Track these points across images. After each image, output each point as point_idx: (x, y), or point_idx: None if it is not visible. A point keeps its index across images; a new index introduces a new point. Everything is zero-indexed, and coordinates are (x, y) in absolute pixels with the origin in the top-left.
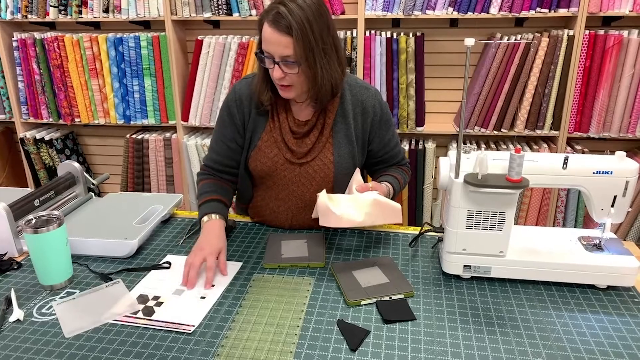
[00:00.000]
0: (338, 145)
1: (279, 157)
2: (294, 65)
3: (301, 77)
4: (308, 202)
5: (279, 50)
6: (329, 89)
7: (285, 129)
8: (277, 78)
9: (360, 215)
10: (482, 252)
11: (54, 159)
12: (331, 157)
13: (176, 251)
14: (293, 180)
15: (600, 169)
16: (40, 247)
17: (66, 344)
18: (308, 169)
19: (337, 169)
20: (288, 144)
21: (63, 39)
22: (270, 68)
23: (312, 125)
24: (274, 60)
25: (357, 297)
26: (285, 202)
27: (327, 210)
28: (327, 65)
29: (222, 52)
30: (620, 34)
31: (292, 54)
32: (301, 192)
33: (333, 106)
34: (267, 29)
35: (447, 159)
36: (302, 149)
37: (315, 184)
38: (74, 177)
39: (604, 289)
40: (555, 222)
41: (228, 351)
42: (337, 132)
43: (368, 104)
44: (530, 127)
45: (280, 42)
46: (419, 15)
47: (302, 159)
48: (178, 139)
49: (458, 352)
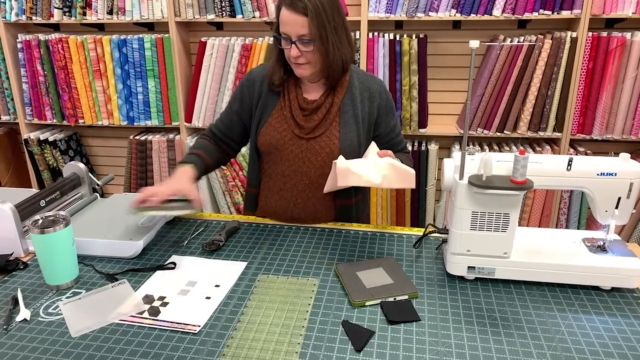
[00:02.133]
0: (344, 124)
1: (288, 132)
2: (309, 43)
3: (315, 54)
4: (313, 179)
5: (296, 29)
6: (340, 66)
7: (294, 106)
8: (293, 56)
9: (378, 177)
10: (487, 254)
11: (57, 160)
12: (337, 133)
13: (181, 252)
14: (300, 156)
15: (604, 171)
16: (46, 247)
17: (73, 343)
18: (314, 144)
19: (342, 145)
20: (296, 119)
21: (67, 41)
22: (286, 48)
23: (321, 103)
24: (291, 40)
25: (362, 298)
26: (291, 178)
27: (347, 171)
28: (338, 43)
29: (226, 53)
30: (623, 36)
31: (307, 32)
32: (307, 167)
33: (342, 88)
34: (285, 11)
35: (451, 161)
36: (310, 124)
37: (321, 160)
38: (79, 178)
39: (608, 291)
40: (558, 224)
41: (234, 351)
42: (345, 112)
43: (375, 90)
44: (533, 129)
45: (297, 22)
46: (422, 17)
47: (310, 134)
48: (181, 140)
49: (462, 353)
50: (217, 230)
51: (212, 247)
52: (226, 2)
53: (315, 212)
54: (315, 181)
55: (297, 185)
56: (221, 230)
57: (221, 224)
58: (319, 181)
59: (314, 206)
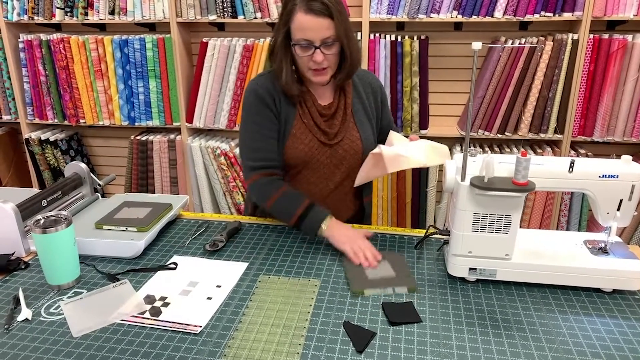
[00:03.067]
0: (361, 124)
1: (314, 142)
2: (333, 45)
3: (336, 57)
4: (338, 183)
5: (320, 33)
6: (359, 63)
7: (315, 113)
8: (319, 62)
9: (422, 156)
10: (488, 255)
11: (58, 160)
12: (357, 134)
13: (182, 252)
14: (325, 163)
15: (606, 173)
16: (48, 247)
17: (74, 343)
18: (339, 149)
19: (364, 146)
20: (320, 126)
21: (69, 41)
22: (305, 55)
23: (336, 106)
24: (315, 45)
25: (361, 287)
26: (316, 185)
27: (395, 156)
28: (355, 40)
29: (227, 54)
30: (624, 38)
31: (332, 34)
32: (332, 173)
33: (349, 88)
34: (304, 17)
35: (453, 162)
36: (333, 130)
37: (347, 164)
38: (80, 178)
39: (609, 293)
40: (558, 226)
41: (235, 352)
42: (357, 111)
43: (375, 85)
44: (534, 130)
45: (321, 25)
46: (424, 18)
47: (333, 139)
48: (182, 141)
49: (464, 355)
50: (218, 231)
51: (214, 247)
52: (228, 3)
53: (336, 213)
54: (339, 184)
55: (322, 191)
56: (222, 231)
57: (222, 224)
58: (343, 184)
59: (336, 206)
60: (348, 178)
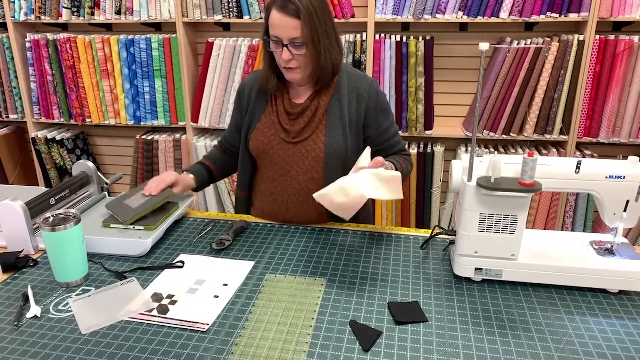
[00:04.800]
0: (331, 127)
1: (275, 137)
2: (301, 46)
3: (307, 58)
4: (302, 182)
5: (288, 32)
6: (330, 69)
7: (281, 111)
8: (285, 60)
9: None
10: (494, 255)
11: (64, 159)
12: (323, 137)
13: (189, 250)
14: (287, 160)
15: (613, 174)
16: (57, 244)
17: (83, 340)
18: (301, 148)
19: (327, 149)
20: (282, 123)
21: (75, 40)
22: (277, 52)
23: (306, 106)
24: (282, 43)
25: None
26: (280, 182)
27: (325, 195)
28: (329, 45)
29: (232, 54)
30: (630, 39)
31: (300, 35)
32: (295, 172)
33: (329, 90)
34: (276, 14)
35: (459, 162)
36: (295, 128)
37: (308, 164)
38: (87, 177)
39: (615, 294)
40: (563, 227)
41: (242, 349)
42: (331, 114)
43: (363, 90)
44: (539, 131)
45: (289, 24)
46: (429, 19)
47: (296, 138)
48: (188, 140)
49: (470, 355)
50: (224, 230)
51: (220, 246)
52: (233, 3)
53: (306, 216)
54: (304, 185)
55: (286, 189)
56: (228, 230)
57: (228, 223)
58: (308, 185)
59: (305, 210)
60: (313, 181)
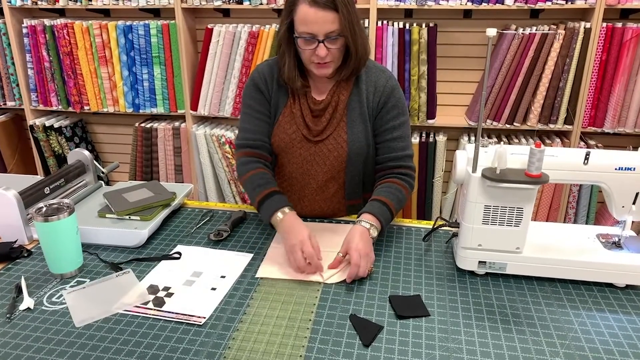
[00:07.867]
0: (352, 124)
1: (297, 134)
2: (337, 39)
3: (341, 51)
4: (321, 182)
5: (325, 27)
6: (365, 59)
7: (304, 106)
8: (322, 56)
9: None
10: (498, 248)
11: (63, 147)
12: (345, 135)
13: (186, 241)
14: (307, 159)
15: (622, 165)
16: (50, 235)
17: (76, 333)
18: (322, 147)
19: (350, 148)
20: (306, 120)
21: (73, 26)
22: (310, 49)
23: (327, 103)
24: (318, 40)
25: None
26: (298, 181)
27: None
28: (362, 35)
29: (232, 41)
30: (638, 27)
31: (337, 28)
32: (315, 171)
33: (348, 84)
34: (308, 9)
35: (464, 153)
36: (318, 127)
37: (329, 163)
38: (83, 165)
39: (622, 288)
40: (566, 218)
41: (239, 344)
42: (352, 110)
43: (379, 84)
44: (543, 121)
45: (326, 19)
46: (433, 5)
47: (318, 136)
48: (187, 128)
49: (473, 350)
50: (222, 220)
51: (218, 237)
52: None
53: (321, 212)
54: (322, 185)
55: (303, 189)
56: (227, 220)
57: (227, 213)
58: (327, 185)
59: (321, 208)
60: (333, 180)
